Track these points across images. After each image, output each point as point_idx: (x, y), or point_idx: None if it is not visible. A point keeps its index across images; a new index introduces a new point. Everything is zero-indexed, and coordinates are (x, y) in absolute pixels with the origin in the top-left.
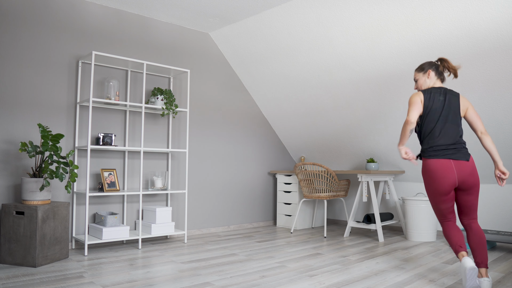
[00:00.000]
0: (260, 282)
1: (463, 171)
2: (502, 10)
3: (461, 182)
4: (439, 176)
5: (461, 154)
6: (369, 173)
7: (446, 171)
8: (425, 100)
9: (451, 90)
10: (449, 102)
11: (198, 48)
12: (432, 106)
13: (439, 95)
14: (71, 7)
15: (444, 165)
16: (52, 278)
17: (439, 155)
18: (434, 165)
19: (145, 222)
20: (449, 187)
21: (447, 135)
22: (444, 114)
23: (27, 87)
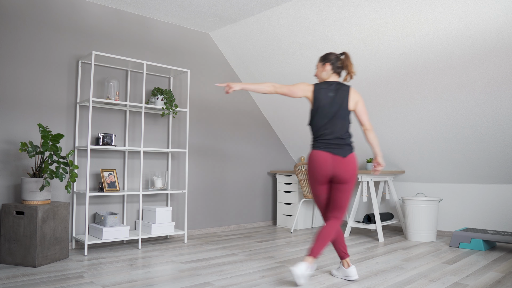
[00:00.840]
0: (260, 282)
1: (338, 166)
2: (502, 10)
3: (334, 176)
4: (317, 166)
5: (341, 150)
6: (369, 173)
7: (323, 162)
8: (314, 94)
9: (343, 85)
10: (339, 97)
11: (198, 48)
12: (321, 102)
13: (329, 91)
14: (71, 7)
15: (323, 157)
16: (52, 278)
17: (321, 147)
18: (315, 155)
19: (145, 222)
20: (324, 178)
21: (334, 130)
22: (333, 109)
23: (27, 87)
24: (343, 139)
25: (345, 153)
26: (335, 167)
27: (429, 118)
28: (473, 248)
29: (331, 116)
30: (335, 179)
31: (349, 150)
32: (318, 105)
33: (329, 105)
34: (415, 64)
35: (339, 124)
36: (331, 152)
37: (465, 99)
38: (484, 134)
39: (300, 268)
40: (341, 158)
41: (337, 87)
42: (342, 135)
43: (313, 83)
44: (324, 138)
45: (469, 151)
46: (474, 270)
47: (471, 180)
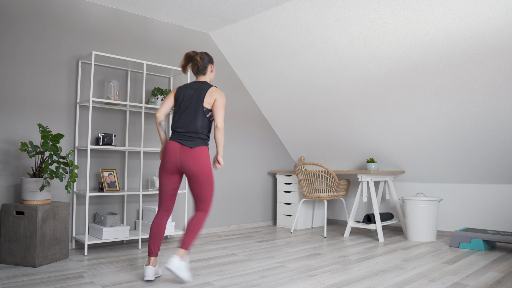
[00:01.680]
0: (260, 282)
1: (185, 156)
2: (502, 11)
3: (182, 168)
4: (167, 154)
5: (191, 142)
6: (369, 173)
7: (172, 151)
8: (176, 93)
9: (204, 84)
10: (196, 94)
11: (198, 48)
12: (179, 99)
13: (190, 89)
14: (71, 7)
15: (172, 146)
16: (52, 278)
17: (173, 138)
18: (167, 145)
19: (145, 222)
20: (171, 167)
21: (185, 123)
22: (189, 105)
23: (27, 87)
24: (197, 133)
25: (194, 144)
26: (182, 158)
27: (429, 118)
28: (473, 248)
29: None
30: (183, 170)
31: (199, 143)
32: (178, 101)
33: (188, 101)
34: (415, 64)
35: (190, 118)
36: (181, 143)
37: (465, 99)
38: (484, 134)
39: (174, 261)
40: (189, 149)
41: (198, 85)
42: (197, 130)
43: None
44: (177, 130)
45: (469, 151)
46: (474, 270)
47: (471, 180)
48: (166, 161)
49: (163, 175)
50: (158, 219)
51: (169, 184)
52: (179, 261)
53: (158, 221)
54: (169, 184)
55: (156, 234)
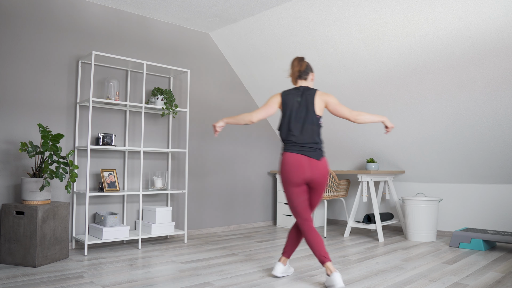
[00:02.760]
0: (260, 282)
1: (314, 168)
2: (502, 11)
3: (311, 179)
4: (293, 168)
5: (315, 153)
6: (369, 173)
7: (300, 165)
8: (282, 102)
9: (309, 89)
10: (305, 102)
11: (198, 48)
12: (288, 108)
13: (296, 96)
14: (71, 7)
15: (299, 160)
16: (52, 278)
17: (294, 150)
18: (290, 158)
19: (145, 222)
20: (300, 180)
21: (303, 135)
22: (300, 114)
23: (27, 87)
24: (316, 143)
25: (319, 156)
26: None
27: (429, 118)
28: (473, 248)
29: (299, 121)
30: (312, 183)
31: (321, 153)
32: (286, 109)
33: (296, 109)
34: (415, 64)
35: (307, 128)
36: (306, 154)
37: (465, 99)
38: (484, 134)
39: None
40: (317, 161)
41: (304, 91)
42: (314, 139)
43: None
44: (294, 141)
45: (469, 151)
46: (474, 270)
47: (471, 180)
48: (293, 174)
49: (291, 189)
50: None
51: (301, 196)
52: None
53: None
54: (301, 196)
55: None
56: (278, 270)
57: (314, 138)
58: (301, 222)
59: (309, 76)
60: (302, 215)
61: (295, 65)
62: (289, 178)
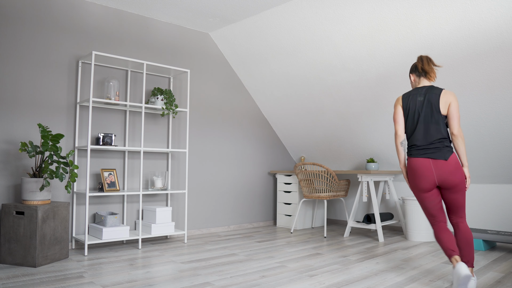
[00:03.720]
0: (260, 282)
1: (442, 170)
2: (502, 11)
3: (441, 181)
4: (419, 174)
5: (441, 153)
6: (369, 173)
7: (425, 170)
8: (403, 103)
9: (433, 88)
10: (428, 101)
11: (198, 48)
12: (411, 108)
13: (418, 96)
14: (71, 7)
15: (423, 164)
16: (52, 278)
17: (418, 154)
18: (414, 163)
19: (145, 222)
20: (429, 185)
21: (427, 135)
22: (423, 114)
23: (27, 87)
24: (441, 142)
25: (446, 155)
26: (441, 172)
27: None
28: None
29: (422, 121)
30: (444, 184)
31: (449, 152)
32: (409, 110)
33: (420, 109)
34: None
35: (432, 128)
36: (431, 157)
37: (465, 99)
38: (484, 134)
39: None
40: (444, 162)
41: (427, 91)
42: (439, 139)
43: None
44: (418, 144)
45: (469, 151)
46: (474, 270)
47: (471, 180)
48: (421, 181)
49: (422, 196)
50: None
51: (433, 201)
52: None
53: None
54: (433, 200)
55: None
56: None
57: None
58: (433, 222)
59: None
60: (437, 217)
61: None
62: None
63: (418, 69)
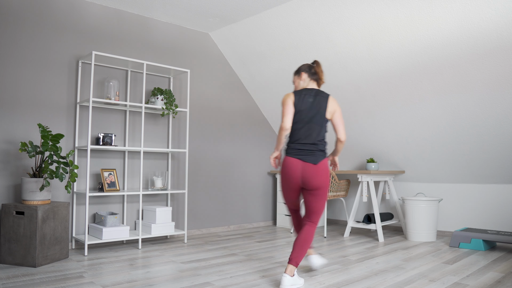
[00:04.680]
0: (260, 282)
1: (308, 172)
2: (502, 11)
3: (305, 183)
4: (288, 171)
5: (313, 157)
6: (369, 173)
7: (294, 169)
8: (295, 100)
9: (322, 92)
10: (317, 104)
11: (198, 48)
12: (300, 106)
13: (309, 96)
14: (71, 7)
15: (294, 164)
16: (52, 278)
17: (293, 154)
18: (287, 161)
19: (145, 222)
20: (294, 184)
21: (308, 135)
22: (311, 115)
23: (27, 87)
24: (317, 145)
25: (317, 160)
26: (306, 175)
27: (429, 118)
28: (473, 248)
29: (308, 121)
30: (307, 186)
31: (322, 156)
32: (299, 109)
33: (308, 109)
34: (415, 64)
35: (315, 129)
36: (303, 159)
37: (465, 99)
38: (484, 134)
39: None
40: (312, 165)
41: (317, 93)
42: (318, 142)
43: (293, 91)
44: (298, 143)
45: (469, 151)
46: (474, 270)
47: (471, 180)
48: (288, 178)
49: (287, 190)
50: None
51: (294, 196)
52: (290, 279)
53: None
54: (294, 197)
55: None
56: None
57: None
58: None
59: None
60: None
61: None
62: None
63: (312, 71)
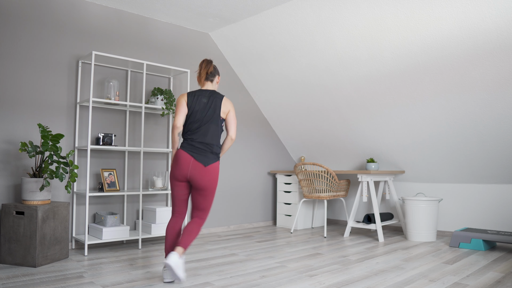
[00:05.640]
0: (260, 282)
1: (197, 171)
2: (502, 11)
3: (192, 180)
4: (179, 165)
5: (205, 158)
6: (369, 173)
7: (184, 163)
8: (188, 101)
9: (216, 93)
10: (211, 104)
11: (198, 48)
12: (195, 107)
13: (203, 97)
14: (71, 7)
15: (186, 158)
16: (52, 278)
17: (186, 149)
18: (179, 154)
19: (145, 222)
20: (182, 177)
21: (204, 135)
22: (205, 115)
23: (27, 87)
24: (211, 146)
25: (207, 162)
26: (194, 173)
27: (429, 118)
28: (473, 248)
29: (204, 121)
30: (194, 184)
31: (213, 159)
32: (193, 109)
33: (202, 110)
34: (415, 64)
35: (211, 128)
36: (194, 157)
37: (465, 99)
38: (484, 134)
39: (173, 257)
40: (202, 166)
41: (211, 94)
42: (212, 141)
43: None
44: (193, 140)
45: (469, 151)
46: (474, 270)
47: (471, 180)
48: (177, 171)
49: (174, 183)
50: (173, 222)
51: (180, 190)
52: (178, 258)
53: (173, 225)
54: (180, 190)
55: (172, 237)
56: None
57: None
58: (173, 212)
59: (215, 79)
60: (176, 208)
61: (203, 67)
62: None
63: (207, 72)
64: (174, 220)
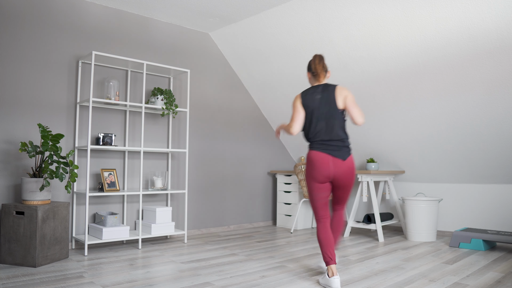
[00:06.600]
0: (260, 282)
1: (338, 168)
2: (502, 11)
3: (335, 178)
4: (317, 166)
5: (340, 152)
6: (369, 173)
7: (323, 163)
8: (302, 101)
9: (328, 86)
10: (325, 98)
11: (198, 48)
12: (310, 106)
13: (316, 94)
14: (71, 7)
15: (323, 158)
16: (52, 278)
17: (320, 149)
18: (314, 156)
19: (145, 222)
20: (323, 178)
21: (328, 131)
22: (323, 111)
23: (27, 87)
24: (340, 140)
25: (345, 155)
26: (337, 170)
27: (429, 118)
28: (473, 248)
29: (322, 117)
30: (336, 182)
31: (348, 152)
32: (308, 108)
33: (318, 106)
34: (415, 64)
35: (330, 124)
36: (332, 154)
37: (465, 99)
38: (484, 134)
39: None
40: (341, 161)
41: (323, 88)
42: (338, 135)
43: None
44: (319, 139)
45: (469, 151)
46: (474, 270)
47: (471, 180)
48: (318, 173)
49: (315, 185)
50: (324, 227)
51: (322, 193)
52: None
53: (325, 229)
54: (323, 192)
55: (328, 241)
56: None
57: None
58: (318, 218)
59: (327, 73)
60: (319, 212)
61: (317, 63)
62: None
63: (312, 69)
64: (323, 225)
